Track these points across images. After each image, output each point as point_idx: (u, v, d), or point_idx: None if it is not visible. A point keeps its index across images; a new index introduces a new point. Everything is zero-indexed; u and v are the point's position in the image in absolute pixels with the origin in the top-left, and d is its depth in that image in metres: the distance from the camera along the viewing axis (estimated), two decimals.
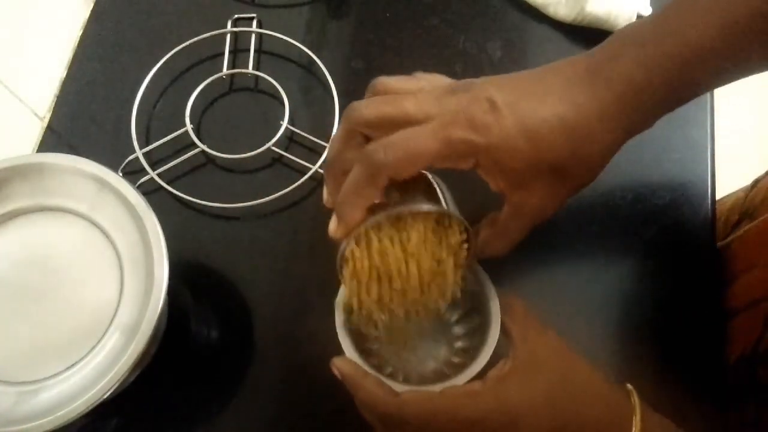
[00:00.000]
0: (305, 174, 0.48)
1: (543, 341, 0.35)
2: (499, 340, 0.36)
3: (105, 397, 0.36)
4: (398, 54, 0.54)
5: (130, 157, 0.49)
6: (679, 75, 0.33)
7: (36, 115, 0.52)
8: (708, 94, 0.50)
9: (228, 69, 0.52)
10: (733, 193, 0.55)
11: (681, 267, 0.45)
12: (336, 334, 0.36)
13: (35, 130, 0.52)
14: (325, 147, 0.49)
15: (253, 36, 0.53)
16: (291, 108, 0.50)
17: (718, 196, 0.48)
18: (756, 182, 0.52)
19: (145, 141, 0.50)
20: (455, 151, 0.33)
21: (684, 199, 0.47)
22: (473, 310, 0.39)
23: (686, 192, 0.47)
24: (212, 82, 0.52)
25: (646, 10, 0.51)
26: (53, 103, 0.53)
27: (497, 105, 0.33)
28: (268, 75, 0.52)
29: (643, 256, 0.45)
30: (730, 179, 0.54)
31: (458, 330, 0.41)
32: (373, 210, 0.34)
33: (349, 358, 0.36)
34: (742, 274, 0.45)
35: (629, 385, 0.36)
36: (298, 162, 0.49)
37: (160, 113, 0.52)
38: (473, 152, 0.33)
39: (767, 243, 0.45)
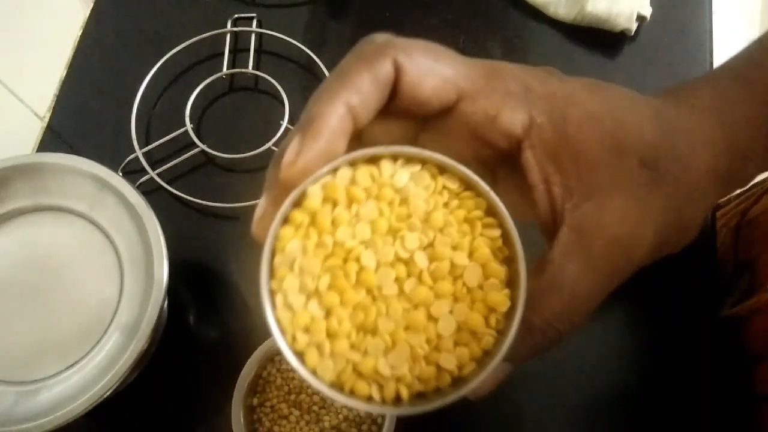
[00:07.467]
0: None
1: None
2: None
3: (105, 397, 0.36)
4: None
5: (130, 157, 0.49)
6: None
7: (36, 115, 0.52)
8: None
9: (228, 69, 0.52)
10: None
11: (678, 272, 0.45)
12: None
13: (35, 130, 0.52)
14: None
15: (253, 36, 0.53)
16: (291, 108, 0.50)
17: None
18: (738, 229, 0.49)
19: (145, 141, 0.50)
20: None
21: None
22: None
23: None
24: (212, 82, 0.52)
25: (646, 11, 0.51)
26: (53, 103, 0.53)
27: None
28: (268, 75, 0.52)
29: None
30: None
31: None
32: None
33: None
34: (759, 363, 0.42)
35: None
36: None
37: (160, 113, 0.52)
38: (517, 104, 0.24)
39: None
